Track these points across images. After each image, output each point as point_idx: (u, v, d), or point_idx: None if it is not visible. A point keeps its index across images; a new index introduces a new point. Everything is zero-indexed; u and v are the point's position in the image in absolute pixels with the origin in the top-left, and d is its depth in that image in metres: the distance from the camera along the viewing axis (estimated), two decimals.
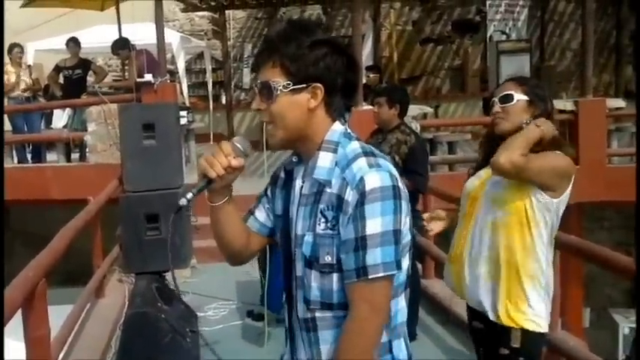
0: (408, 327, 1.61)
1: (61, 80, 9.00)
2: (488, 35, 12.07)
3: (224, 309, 5.27)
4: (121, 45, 8.44)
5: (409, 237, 1.49)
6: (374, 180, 1.41)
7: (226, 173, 1.47)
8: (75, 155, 8.78)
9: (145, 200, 4.02)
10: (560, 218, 2.33)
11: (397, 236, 1.43)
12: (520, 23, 12.06)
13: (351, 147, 1.50)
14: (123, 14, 9.49)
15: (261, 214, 1.67)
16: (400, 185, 1.45)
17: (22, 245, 7.75)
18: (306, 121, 1.49)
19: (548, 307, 2.37)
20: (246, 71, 13.40)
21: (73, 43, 8.81)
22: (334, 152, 1.49)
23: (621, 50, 11.24)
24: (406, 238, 1.48)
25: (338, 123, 1.53)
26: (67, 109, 9.19)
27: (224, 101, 12.24)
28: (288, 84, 1.46)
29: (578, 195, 2.49)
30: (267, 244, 1.70)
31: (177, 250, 3.84)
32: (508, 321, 2.31)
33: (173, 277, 2.09)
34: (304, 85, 1.46)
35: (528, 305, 2.30)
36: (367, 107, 5.89)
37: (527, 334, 2.31)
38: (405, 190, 1.46)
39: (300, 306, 1.53)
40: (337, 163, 1.48)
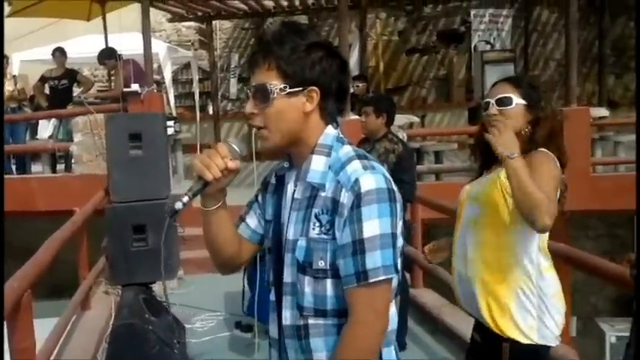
0: (398, 336, 1.59)
1: (47, 90, 8.92)
2: (472, 45, 12.15)
3: (212, 320, 5.24)
4: (108, 55, 8.40)
5: (402, 241, 1.49)
6: (369, 182, 1.40)
7: (222, 176, 1.45)
8: (60, 166, 8.71)
9: (132, 211, 4.00)
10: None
11: (394, 239, 1.42)
12: (504, 33, 12.17)
13: (344, 151, 1.49)
14: (109, 24, 9.43)
15: (252, 221, 1.65)
16: (394, 188, 1.44)
17: (6, 257, 7.64)
18: (300, 125, 1.47)
19: (548, 318, 2.16)
20: (233, 81, 13.39)
21: (59, 53, 8.76)
22: (328, 156, 1.48)
23: (604, 60, 11.36)
24: (400, 242, 1.47)
25: (331, 127, 1.52)
26: (53, 120, 9.13)
27: (211, 111, 12.21)
28: (284, 87, 1.44)
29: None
30: (257, 251, 1.68)
31: (164, 261, 3.81)
32: (497, 330, 2.15)
33: (163, 284, 2.07)
34: (301, 89, 1.45)
35: (513, 313, 2.12)
36: (354, 117, 5.91)
37: (517, 346, 2.12)
38: (399, 194, 1.46)
39: (288, 313, 1.51)
40: (331, 167, 1.47)
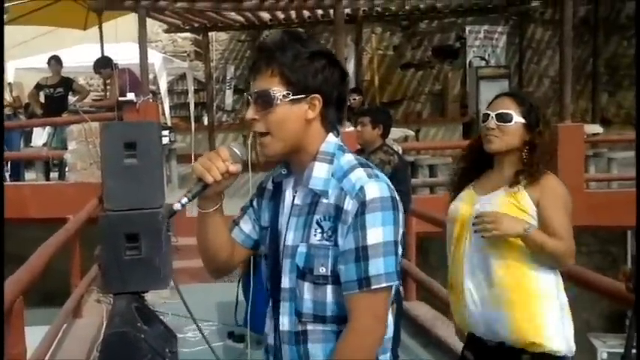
0: (391, 349, 1.59)
1: (42, 99, 8.93)
2: (467, 61, 12.23)
3: (204, 330, 5.20)
4: (104, 64, 8.41)
5: (401, 250, 1.50)
6: (374, 190, 1.42)
7: (223, 179, 1.45)
8: (54, 174, 8.69)
9: (126, 219, 3.97)
10: None
11: (396, 247, 1.43)
12: (499, 50, 12.27)
13: (346, 159, 1.50)
14: (106, 34, 9.45)
15: (246, 226, 1.64)
16: (397, 197, 1.45)
17: None
18: (302, 132, 1.48)
19: (567, 329, 2.23)
20: (228, 93, 13.41)
21: (55, 62, 8.77)
22: (330, 163, 1.49)
23: (597, 77, 11.46)
24: (401, 250, 1.48)
25: (332, 135, 1.53)
26: (48, 128, 9.12)
27: (206, 122, 12.22)
28: (287, 93, 1.44)
29: None
30: (249, 256, 1.68)
31: (157, 271, 3.80)
32: (525, 343, 2.15)
33: (175, 283, 2.05)
34: (304, 96, 1.46)
35: (541, 320, 2.17)
36: (350, 129, 5.93)
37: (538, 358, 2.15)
38: (400, 203, 1.47)
39: (286, 319, 1.51)
40: (333, 174, 1.48)
